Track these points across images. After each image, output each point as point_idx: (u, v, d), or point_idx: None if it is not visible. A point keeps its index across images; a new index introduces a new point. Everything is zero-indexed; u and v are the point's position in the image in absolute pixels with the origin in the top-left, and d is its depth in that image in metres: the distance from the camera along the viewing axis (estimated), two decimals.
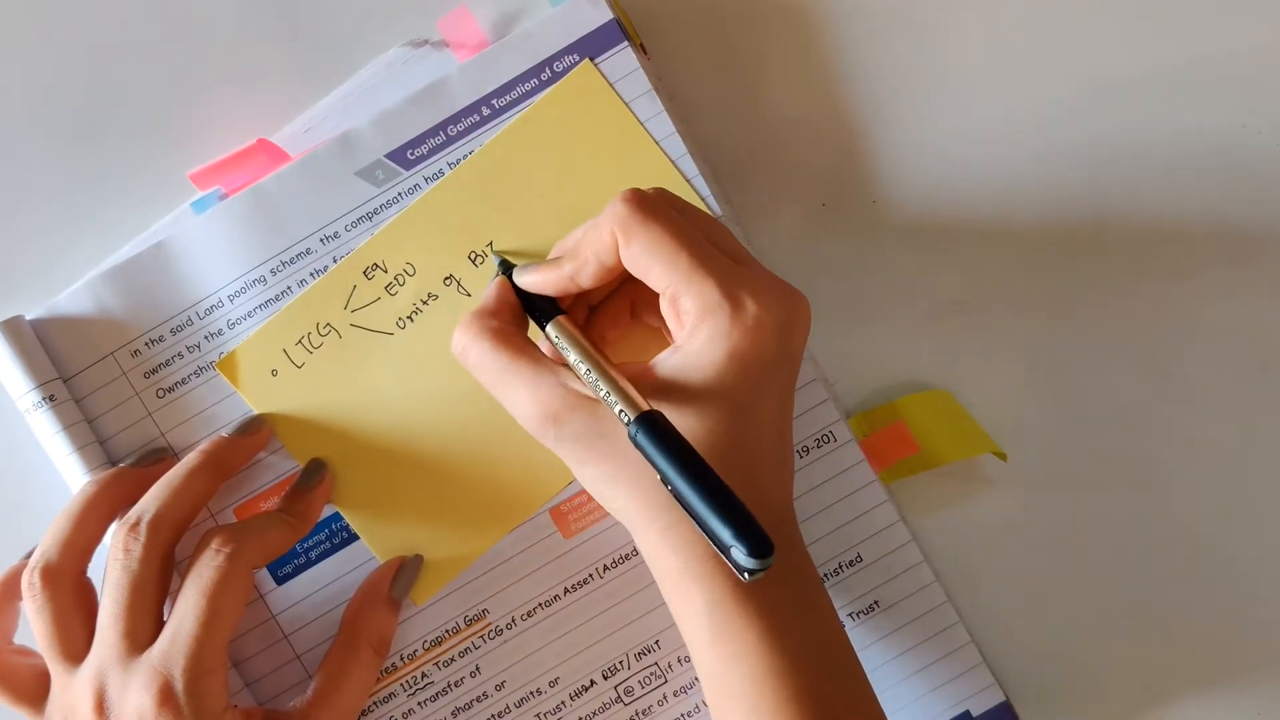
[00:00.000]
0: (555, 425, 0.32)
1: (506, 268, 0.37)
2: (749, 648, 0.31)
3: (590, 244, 0.33)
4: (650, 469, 0.30)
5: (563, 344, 0.33)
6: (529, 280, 0.35)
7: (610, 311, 0.36)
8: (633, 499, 0.32)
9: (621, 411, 0.30)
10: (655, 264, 0.32)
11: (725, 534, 0.28)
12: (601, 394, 0.31)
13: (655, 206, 0.32)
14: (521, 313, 0.35)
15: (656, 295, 0.34)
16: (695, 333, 0.31)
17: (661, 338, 0.37)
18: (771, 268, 0.40)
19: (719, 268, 0.32)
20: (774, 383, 0.32)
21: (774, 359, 0.32)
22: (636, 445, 0.30)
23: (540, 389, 0.32)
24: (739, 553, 0.27)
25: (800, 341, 0.33)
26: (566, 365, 0.33)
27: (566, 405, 0.32)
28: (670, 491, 0.29)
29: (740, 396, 0.31)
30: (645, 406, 0.30)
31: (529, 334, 0.35)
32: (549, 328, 0.34)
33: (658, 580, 0.33)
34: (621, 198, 0.32)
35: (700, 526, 0.29)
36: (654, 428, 0.30)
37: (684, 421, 0.31)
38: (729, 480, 0.29)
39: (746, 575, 0.28)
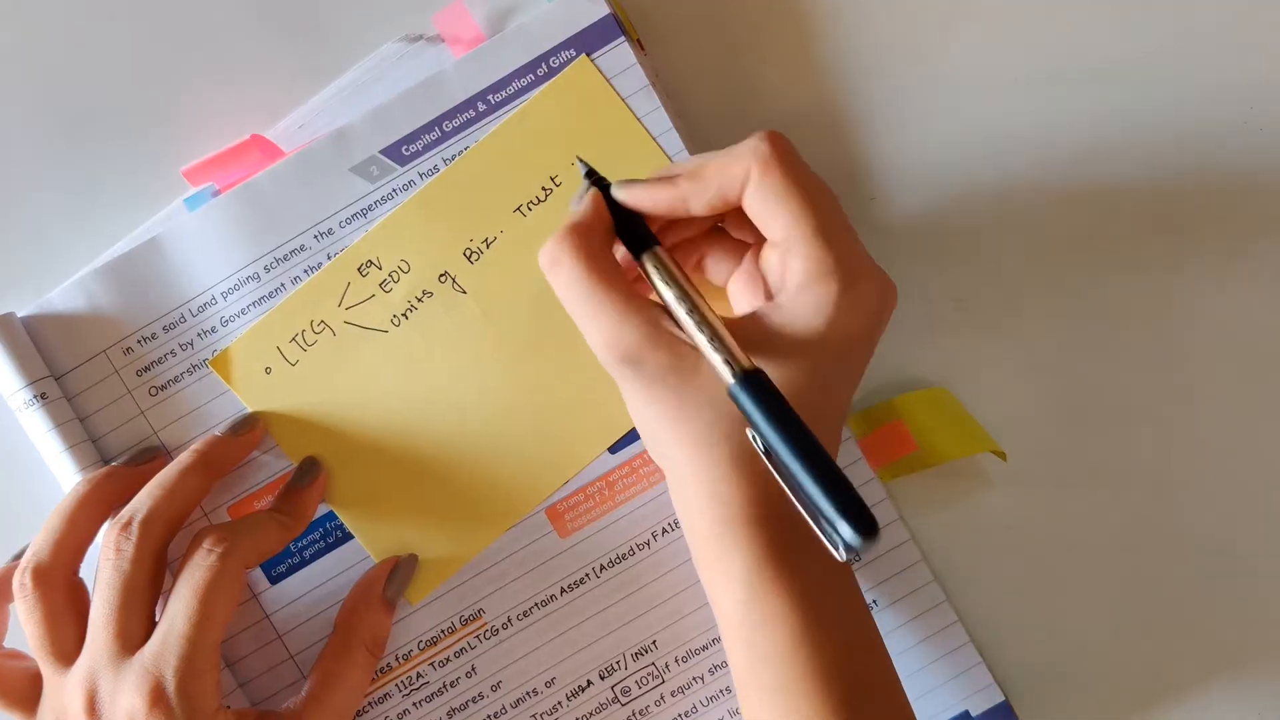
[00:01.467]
0: (635, 362, 0.31)
1: (597, 181, 0.34)
2: (784, 615, 0.30)
3: (719, 170, 0.31)
4: (721, 423, 0.30)
5: (659, 278, 0.32)
6: (634, 195, 0.33)
7: (678, 258, 0.34)
8: (689, 449, 0.31)
9: (727, 362, 0.29)
10: (781, 212, 0.31)
11: (832, 510, 0.27)
12: (702, 340, 0.30)
13: (796, 156, 0.31)
14: (613, 234, 0.33)
15: (730, 253, 0.34)
16: (802, 294, 0.31)
17: (723, 299, 0.36)
18: None
19: (841, 237, 0.31)
20: (856, 364, 0.32)
21: (862, 340, 0.31)
22: (736, 401, 0.29)
23: (628, 321, 0.31)
24: (846, 529, 0.27)
25: (883, 329, 0.33)
26: (653, 299, 0.32)
27: (650, 343, 0.31)
28: (765, 455, 0.29)
29: (828, 370, 0.31)
30: (748, 364, 0.29)
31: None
32: (646, 258, 0.32)
33: (692, 539, 0.32)
34: (765, 135, 0.31)
35: (799, 497, 0.28)
36: (760, 388, 0.29)
37: (776, 380, 0.30)
38: None
39: (843, 554, 0.28)
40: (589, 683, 0.39)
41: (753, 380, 0.29)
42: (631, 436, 0.38)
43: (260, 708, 0.38)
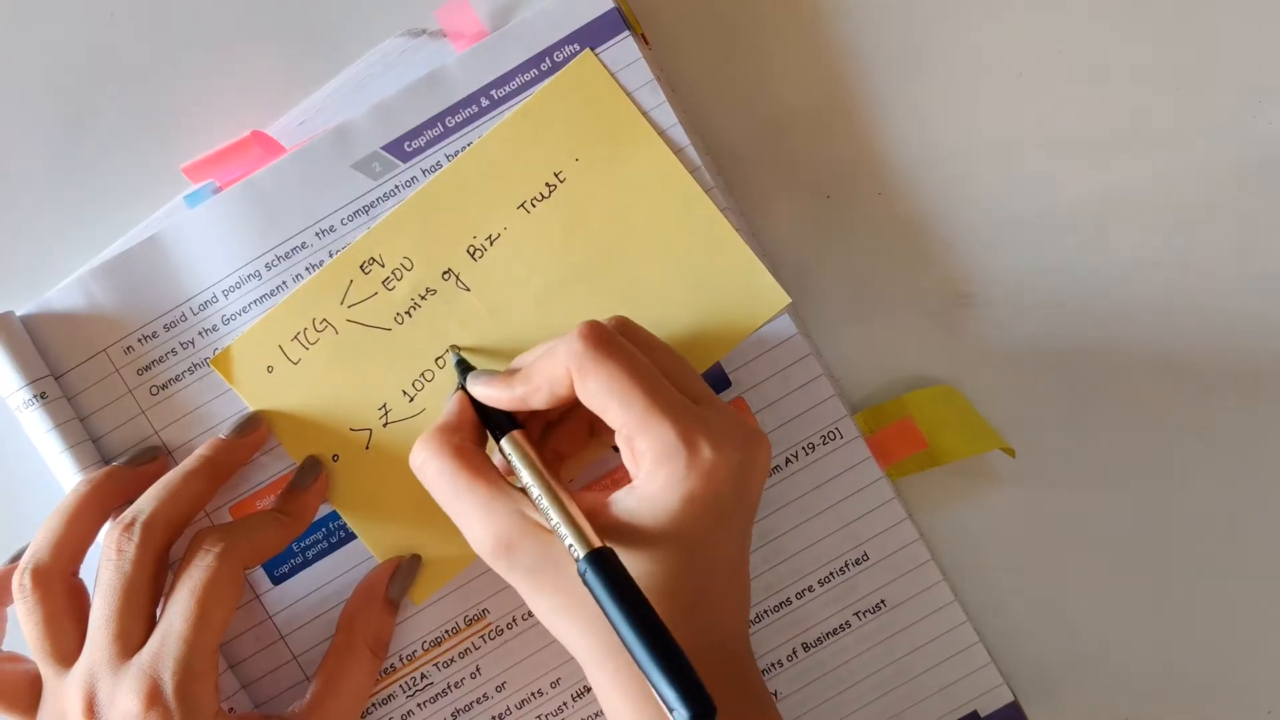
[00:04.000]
0: (507, 554, 0.31)
1: (465, 371, 0.35)
2: None
3: (544, 371, 0.32)
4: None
5: (515, 462, 0.32)
6: (481, 392, 0.34)
7: (568, 428, 0.35)
8: (585, 636, 0.31)
9: (572, 546, 0.30)
10: (611, 403, 0.31)
11: (669, 693, 0.27)
12: (553, 523, 0.30)
13: (612, 343, 0.31)
14: (482, 431, 0.34)
15: None
16: (652, 476, 0.31)
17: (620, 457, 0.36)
18: (775, 260, 0.40)
19: (676, 410, 0.31)
20: (730, 525, 0.32)
21: (730, 502, 0.31)
22: (585, 583, 0.29)
23: (495, 515, 0.31)
24: (680, 715, 0.27)
25: (758, 484, 0.32)
26: (520, 489, 0.32)
27: (520, 533, 0.31)
28: (617, 635, 0.29)
29: (695, 540, 0.31)
30: (597, 543, 0.30)
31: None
32: (503, 443, 0.33)
33: (609, 716, 0.32)
34: (579, 332, 0.31)
35: (646, 677, 0.28)
36: (604, 566, 0.29)
37: (636, 563, 0.30)
38: (679, 624, 0.28)
39: None
40: None
41: (595, 559, 0.29)
42: None
43: (263, 710, 0.38)
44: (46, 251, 0.40)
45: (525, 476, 0.32)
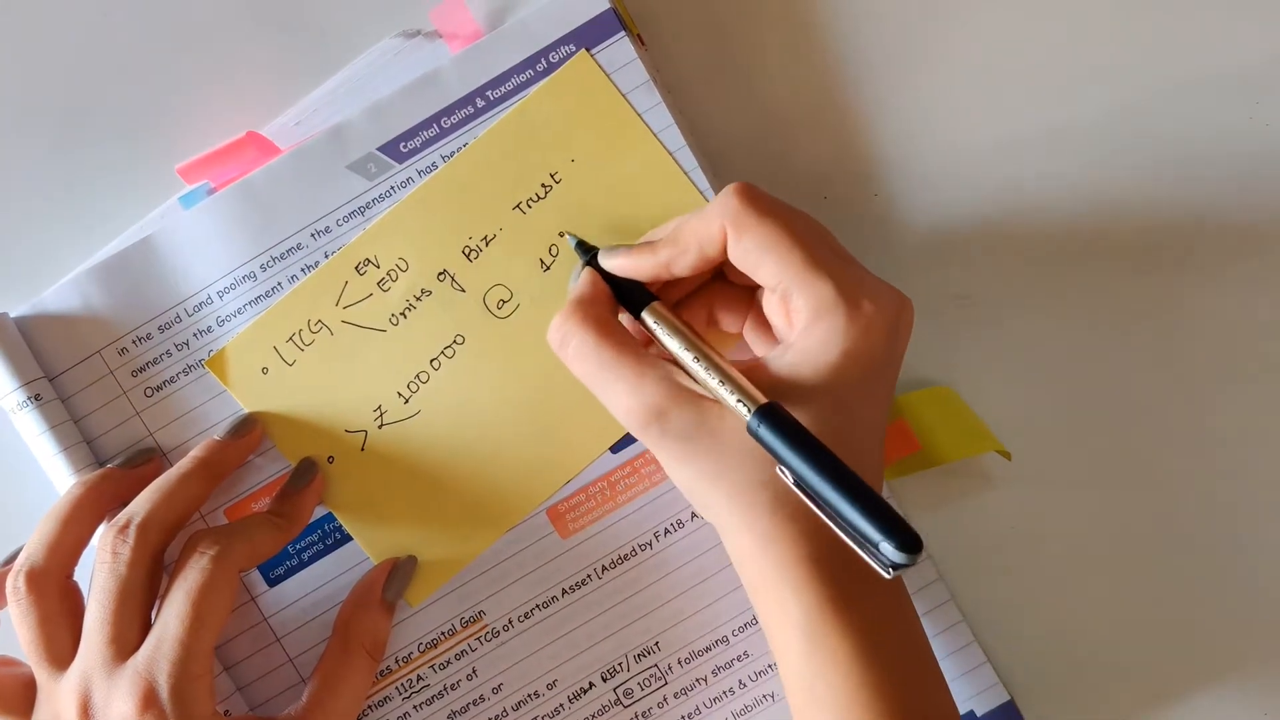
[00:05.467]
0: (660, 421, 0.31)
1: (586, 251, 0.35)
2: (845, 657, 0.30)
3: (694, 232, 0.32)
4: (756, 469, 0.30)
5: (663, 332, 0.32)
6: (618, 264, 0.34)
7: (687, 316, 0.35)
8: (733, 499, 0.31)
9: (740, 402, 0.30)
10: (768, 260, 0.31)
11: (871, 529, 0.27)
12: (714, 384, 0.30)
13: (767, 200, 0.32)
14: (615, 302, 0.34)
15: (738, 301, 0.34)
16: (810, 330, 0.31)
17: (740, 345, 0.36)
18: None
19: (834, 267, 0.31)
20: (881, 381, 0.32)
21: (884, 359, 0.31)
22: (757, 438, 0.29)
23: (645, 383, 0.31)
24: (889, 548, 0.27)
25: (904, 343, 0.33)
26: (667, 357, 0.32)
27: (672, 401, 0.31)
28: (796, 485, 0.29)
29: (852, 396, 0.31)
30: (763, 399, 0.30)
31: None
32: (646, 315, 0.33)
33: (749, 585, 0.32)
34: (733, 190, 0.32)
35: (836, 521, 0.28)
36: (778, 419, 0.29)
37: (799, 417, 0.30)
38: None
39: (891, 571, 0.28)
40: (591, 685, 0.38)
41: (768, 413, 0.29)
42: (633, 437, 0.38)
43: (259, 713, 0.38)
44: (41, 253, 0.40)
45: (674, 344, 0.32)
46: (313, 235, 0.38)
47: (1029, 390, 0.40)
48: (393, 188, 0.38)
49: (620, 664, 0.38)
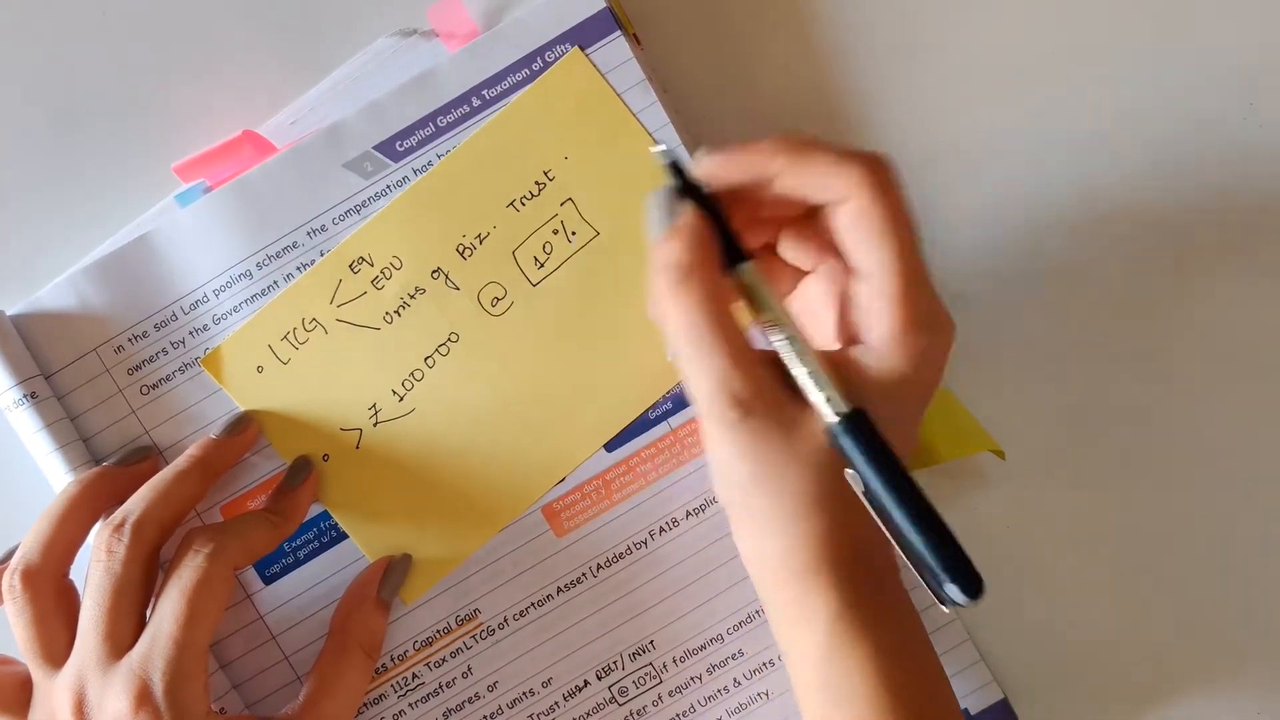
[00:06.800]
0: (742, 416, 0.30)
1: (682, 183, 0.31)
2: (867, 660, 0.30)
3: (823, 169, 0.30)
4: (814, 474, 0.29)
5: (757, 295, 0.30)
6: (716, 162, 0.31)
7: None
8: (781, 499, 0.30)
9: (831, 400, 0.29)
10: (884, 250, 0.30)
11: (939, 565, 0.27)
12: (802, 374, 0.30)
13: (903, 191, 0.30)
14: (717, 261, 0.31)
15: (779, 276, 0.34)
16: (898, 340, 0.30)
17: (791, 274, 0.34)
18: None
19: (929, 286, 0.31)
20: (927, 406, 0.32)
21: (935, 385, 0.32)
22: (836, 441, 0.29)
23: (737, 373, 0.30)
24: (954, 589, 0.27)
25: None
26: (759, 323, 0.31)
27: (760, 398, 0.30)
28: (865, 496, 0.29)
29: (910, 417, 0.31)
30: (850, 405, 0.29)
31: None
32: (743, 272, 0.30)
33: (765, 583, 0.32)
34: (881, 159, 0.30)
35: (904, 547, 0.28)
36: (863, 430, 0.28)
37: (881, 430, 0.30)
38: None
39: (947, 609, 0.28)
40: (586, 683, 0.38)
41: (857, 422, 0.29)
42: (628, 434, 0.38)
43: (255, 711, 0.38)
44: (37, 251, 0.40)
45: (768, 318, 0.30)
46: (309, 233, 0.38)
47: (1023, 390, 0.40)
48: (389, 186, 0.38)
49: (615, 662, 0.38)
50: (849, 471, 0.29)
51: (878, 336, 0.30)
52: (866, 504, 0.29)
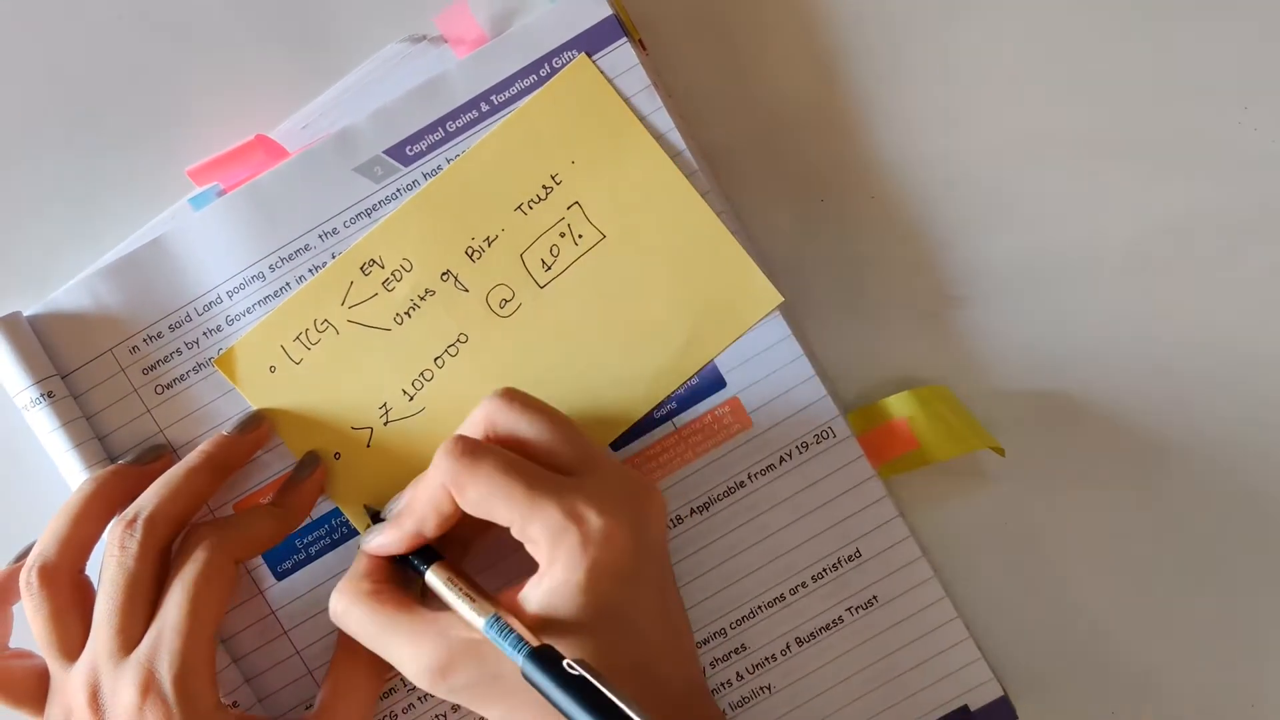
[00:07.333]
0: (446, 676, 0.32)
1: (374, 520, 0.37)
2: None
3: (425, 499, 0.33)
4: (545, 707, 0.30)
5: (440, 588, 0.33)
6: (378, 543, 0.35)
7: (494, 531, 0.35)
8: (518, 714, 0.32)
9: (520, 644, 0.30)
10: (496, 504, 0.32)
11: None
12: (491, 633, 0.31)
13: (479, 449, 0.32)
14: (394, 568, 0.35)
15: None
16: (554, 557, 0.32)
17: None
18: (770, 263, 0.40)
19: (556, 489, 0.32)
20: (642, 580, 0.33)
21: (634, 558, 0.32)
22: (530, 682, 0.30)
23: (424, 642, 0.32)
24: None
25: (658, 531, 0.33)
26: (450, 610, 0.33)
27: (453, 653, 0.32)
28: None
29: (613, 608, 0.32)
30: (534, 642, 0.30)
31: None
32: (427, 576, 0.34)
33: None
34: (445, 450, 0.32)
35: None
36: (544, 662, 0.30)
37: (568, 649, 0.31)
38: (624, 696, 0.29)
39: None
40: None
41: (537, 658, 0.30)
42: (633, 433, 0.39)
43: (268, 705, 0.38)
44: (53, 253, 0.41)
45: (450, 596, 0.33)
46: (320, 236, 0.38)
47: (1023, 388, 0.40)
48: (399, 190, 0.38)
49: None
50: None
51: (542, 559, 0.32)
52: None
